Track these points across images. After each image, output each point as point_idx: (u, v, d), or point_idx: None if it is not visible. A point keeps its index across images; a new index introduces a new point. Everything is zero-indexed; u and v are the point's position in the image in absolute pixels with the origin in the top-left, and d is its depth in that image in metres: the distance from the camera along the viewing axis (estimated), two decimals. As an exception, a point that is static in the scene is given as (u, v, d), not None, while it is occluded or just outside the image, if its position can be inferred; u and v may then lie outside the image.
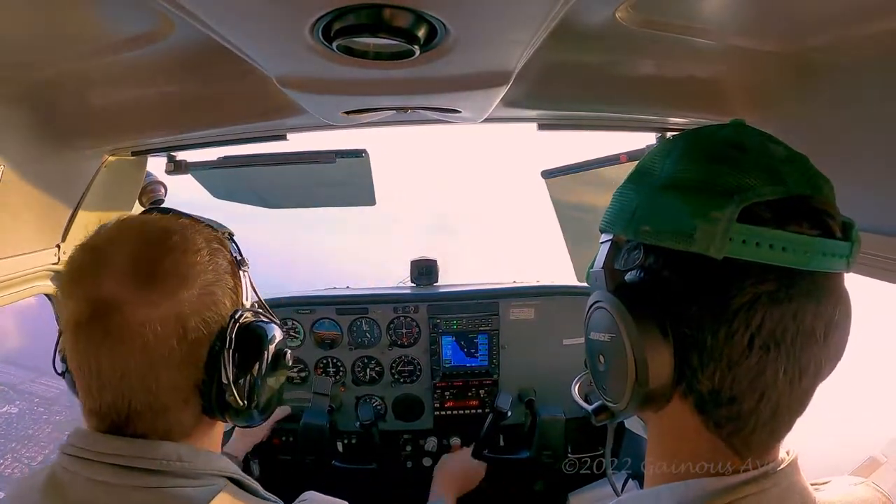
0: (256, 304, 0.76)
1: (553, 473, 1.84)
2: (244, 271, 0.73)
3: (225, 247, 0.72)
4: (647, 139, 1.40)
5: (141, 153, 1.33)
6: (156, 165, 1.43)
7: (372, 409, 1.92)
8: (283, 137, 1.33)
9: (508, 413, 1.75)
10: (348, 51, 0.60)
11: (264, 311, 0.74)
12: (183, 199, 1.10)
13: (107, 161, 1.24)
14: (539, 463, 1.84)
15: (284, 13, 0.53)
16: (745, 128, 0.52)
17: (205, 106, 1.13)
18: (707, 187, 0.47)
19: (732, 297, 0.45)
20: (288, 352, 0.75)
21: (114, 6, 0.70)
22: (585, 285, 1.15)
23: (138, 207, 1.44)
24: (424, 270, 2.12)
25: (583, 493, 1.70)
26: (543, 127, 1.35)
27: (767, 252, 0.44)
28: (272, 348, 0.70)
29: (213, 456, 0.67)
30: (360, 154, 1.45)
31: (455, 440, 1.98)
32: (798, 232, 0.45)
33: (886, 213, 0.79)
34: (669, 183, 0.50)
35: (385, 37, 0.54)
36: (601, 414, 0.60)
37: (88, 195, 1.22)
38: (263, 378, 0.69)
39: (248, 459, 1.69)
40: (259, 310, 0.73)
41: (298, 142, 1.38)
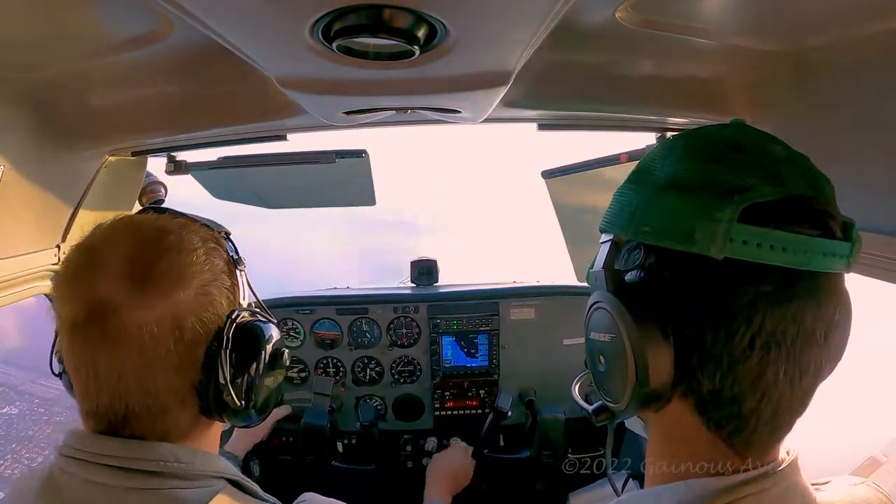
0: (253, 304, 0.75)
1: (553, 473, 1.84)
2: (241, 271, 0.73)
3: (221, 246, 0.71)
4: (647, 139, 1.39)
5: (141, 153, 1.33)
6: (156, 165, 1.43)
7: (372, 410, 1.93)
8: (283, 138, 1.33)
9: (509, 413, 1.75)
10: (348, 51, 0.60)
11: (261, 311, 0.74)
12: (183, 200, 1.10)
13: (107, 161, 1.23)
14: (539, 463, 1.84)
15: (284, 14, 0.53)
16: (745, 128, 0.52)
17: (205, 106, 1.12)
18: (707, 187, 0.47)
19: (733, 298, 0.46)
20: (285, 351, 0.74)
21: (114, 7, 0.70)
22: (585, 285, 1.15)
23: (138, 208, 1.44)
24: (424, 270, 2.11)
25: (583, 493, 1.70)
26: (543, 127, 1.35)
27: (768, 252, 0.44)
28: (269, 348, 0.70)
29: (211, 457, 0.67)
30: (360, 154, 1.44)
31: (455, 440, 1.98)
32: (798, 232, 0.45)
33: (886, 213, 0.79)
34: (670, 183, 0.50)
35: (385, 37, 0.54)
36: (601, 414, 0.60)
37: (88, 195, 1.21)
38: (261, 378, 0.69)
39: (249, 459, 1.69)
40: (256, 309, 0.73)
41: (298, 142, 1.38)
